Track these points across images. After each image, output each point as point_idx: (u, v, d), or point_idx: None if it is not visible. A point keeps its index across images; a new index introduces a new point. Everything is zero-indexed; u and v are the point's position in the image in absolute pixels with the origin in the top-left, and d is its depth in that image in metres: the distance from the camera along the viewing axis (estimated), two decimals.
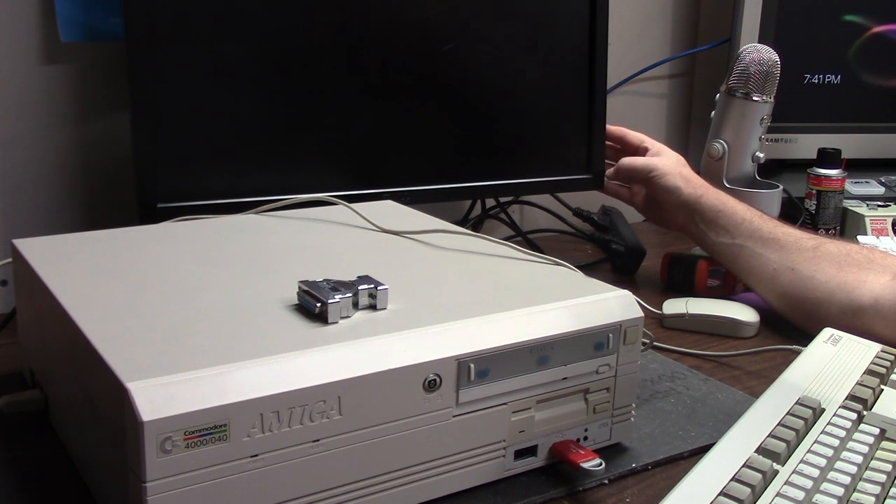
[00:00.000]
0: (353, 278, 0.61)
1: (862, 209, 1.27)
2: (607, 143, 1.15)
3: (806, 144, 1.38)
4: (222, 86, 0.93)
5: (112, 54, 1.00)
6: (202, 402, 0.48)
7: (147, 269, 0.67)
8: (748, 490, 0.53)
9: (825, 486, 0.55)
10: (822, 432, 0.61)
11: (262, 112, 0.95)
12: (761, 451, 0.58)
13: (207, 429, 0.48)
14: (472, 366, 0.57)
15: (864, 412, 0.65)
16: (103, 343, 0.52)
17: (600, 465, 0.61)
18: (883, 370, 0.72)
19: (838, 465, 0.57)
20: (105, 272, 0.66)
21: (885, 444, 0.61)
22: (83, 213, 1.02)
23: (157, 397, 0.47)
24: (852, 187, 1.35)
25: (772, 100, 1.08)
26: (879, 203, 1.30)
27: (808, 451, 0.58)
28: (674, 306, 0.96)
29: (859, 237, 1.20)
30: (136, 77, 0.88)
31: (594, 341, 0.63)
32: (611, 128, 1.15)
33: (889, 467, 0.58)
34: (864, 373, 0.72)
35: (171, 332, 0.55)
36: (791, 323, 0.93)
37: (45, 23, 0.97)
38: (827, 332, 0.80)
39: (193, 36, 0.90)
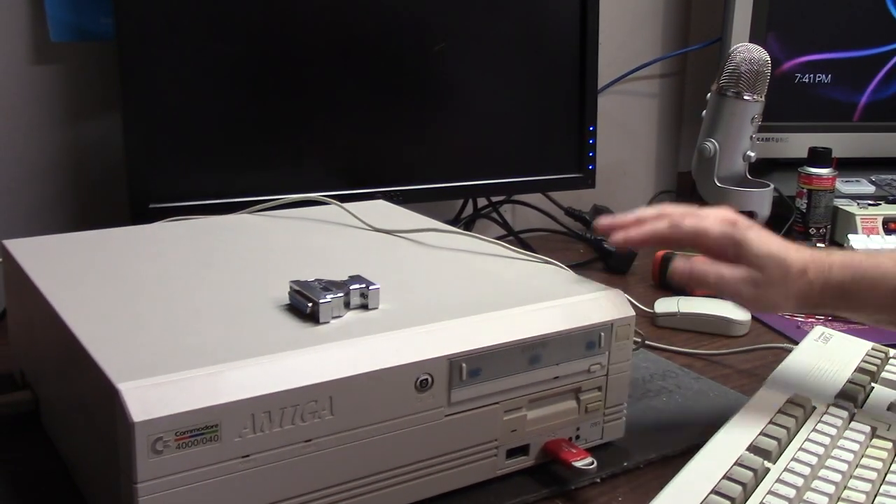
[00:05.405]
0: (345, 278, 0.61)
1: (853, 208, 1.27)
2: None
3: (797, 143, 1.38)
4: (214, 85, 0.93)
5: (102, 54, 0.99)
6: (193, 402, 0.48)
7: (138, 269, 0.67)
8: (739, 488, 0.53)
9: (816, 483, 0.55)
10: (814, 430, 0.62)
11: (253, 112, 0.95)
12: (752, 449, 0.58)
13: (199, 429, 0.48)
14: (463, 365, 0.57)
15: (855, 410, 0.66)
16: (94, 344, 0.52)
17: (592, 463, 0.61)
18: (873, 368, 0.72)
19: (829, 462, 0.58)
20: (96, 273, 0.66)
21: (875, 441, 0.62)
22: (74, 214, 1.02)
23: (147, 398, 0.47)
24: (843, 186, 1.35)
25: (762, 99, 1.08)
26: (870, 202, 1.31)
27: (799, 449, 0.59)
28: (665, 305, 0.96)
29: (850, 236, 1.21)
30: (128, 77, 0.88)
31: (586, 340, 0.63)
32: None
33: (880, 465, 0.58)
34: (854, 371, 0.72)
35: (162, 333, 0.55)
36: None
37: (35, 23, 0.96)
38: (818, 330, 0.80)
39: (185, 35, 0.90)
